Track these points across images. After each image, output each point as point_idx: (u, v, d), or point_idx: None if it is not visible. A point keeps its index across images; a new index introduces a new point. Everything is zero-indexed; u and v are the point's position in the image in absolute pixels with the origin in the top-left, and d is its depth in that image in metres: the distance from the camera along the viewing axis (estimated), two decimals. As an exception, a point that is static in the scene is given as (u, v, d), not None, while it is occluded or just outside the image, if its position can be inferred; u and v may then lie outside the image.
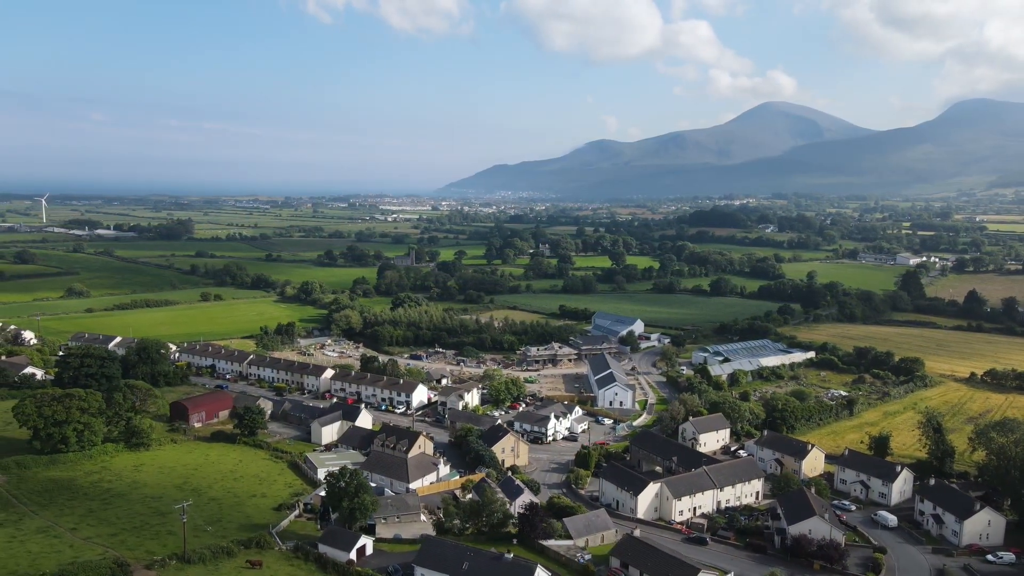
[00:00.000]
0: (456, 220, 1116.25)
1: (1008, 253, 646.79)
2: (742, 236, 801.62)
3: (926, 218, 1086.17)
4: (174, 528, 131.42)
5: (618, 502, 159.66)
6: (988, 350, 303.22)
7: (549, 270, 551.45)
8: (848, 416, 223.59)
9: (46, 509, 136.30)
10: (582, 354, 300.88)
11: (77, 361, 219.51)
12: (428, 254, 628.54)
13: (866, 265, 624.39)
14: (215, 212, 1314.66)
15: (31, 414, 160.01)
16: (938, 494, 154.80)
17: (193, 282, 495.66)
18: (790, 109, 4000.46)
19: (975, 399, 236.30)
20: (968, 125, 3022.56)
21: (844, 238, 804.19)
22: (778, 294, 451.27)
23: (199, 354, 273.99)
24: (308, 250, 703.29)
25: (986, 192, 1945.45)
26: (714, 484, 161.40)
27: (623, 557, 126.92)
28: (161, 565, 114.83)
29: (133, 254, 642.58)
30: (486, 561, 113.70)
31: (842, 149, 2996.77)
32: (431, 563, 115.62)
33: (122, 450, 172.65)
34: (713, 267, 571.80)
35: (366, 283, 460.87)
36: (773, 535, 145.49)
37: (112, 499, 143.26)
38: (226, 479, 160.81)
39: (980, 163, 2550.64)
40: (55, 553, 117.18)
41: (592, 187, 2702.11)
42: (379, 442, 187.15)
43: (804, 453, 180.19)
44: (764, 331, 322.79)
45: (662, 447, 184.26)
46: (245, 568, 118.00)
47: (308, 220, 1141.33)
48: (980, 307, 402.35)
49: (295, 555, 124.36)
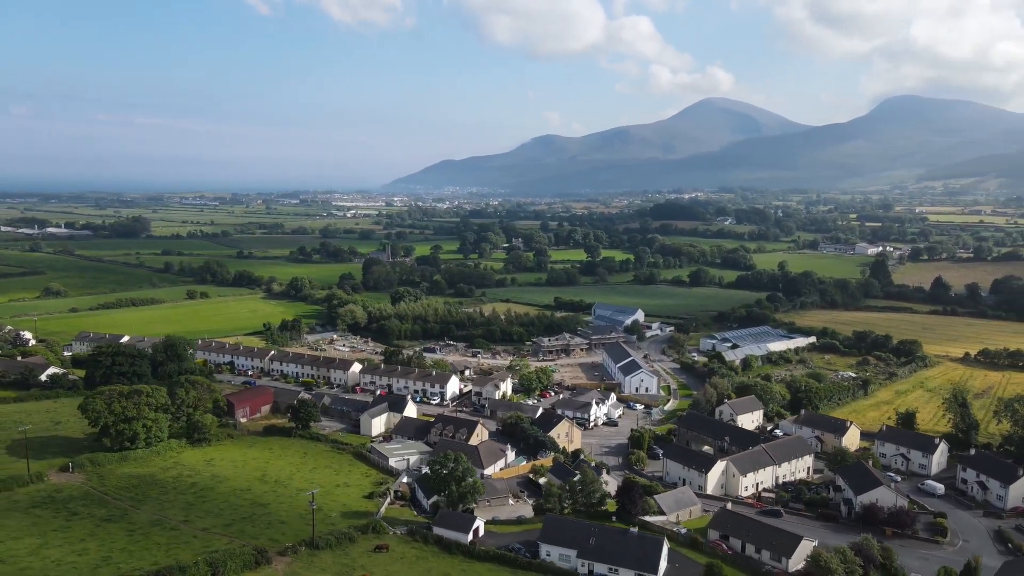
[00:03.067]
0: (416, 216, 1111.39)
1: (956, 242, 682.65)
2: (704, 228, 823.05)
3: (870, 210, 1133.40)
4: (282, 517, 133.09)
5: (684, 480, 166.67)
6: (970, 332, 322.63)
7: (528, 264, 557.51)
8: (863, 396, 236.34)
9: (143, 504, 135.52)
10: (592, 344, 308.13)
11: (108, 360, 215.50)
12: (403, 249, 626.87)
13: (827, 255, 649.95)
14: (163, 209, 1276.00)
15: (101, 411, 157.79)
16: (980, 463, 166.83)
17: (171, 280, 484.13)
18: (729, 105, 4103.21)
19: (975, 377, 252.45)
20: (896, 121, 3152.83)
21: (800, 230, 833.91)
22: (755, 284, 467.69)
23: (216, 351, 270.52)
24: (276, 247, 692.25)
25: (917, 185, 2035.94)
26: (773, 460, 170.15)
27: (722, 529, 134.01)
28: (293, 552, 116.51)
29: (95, 253, 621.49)
30: (612, 536, 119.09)
31: (779, 144, 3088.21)
32: (557, 540, 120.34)
33: (185, 446, 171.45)
34: (686, 259, 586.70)
35: (352, 279, 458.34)
36: (839, 505, 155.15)
37: (203, 492, 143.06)
38: (301, 471, 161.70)
39: (909, 157, 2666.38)
40: (183, 544, 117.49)
41: (539, 182, 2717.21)
42: (436, 432, 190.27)
43: (844, 430, 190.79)
44: (762, 318, 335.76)
45: (712, 428, 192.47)
46: (373, 553, 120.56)
47: (264, 217, 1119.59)
48: (946, 292, 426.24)
49: (412, 539, 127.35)
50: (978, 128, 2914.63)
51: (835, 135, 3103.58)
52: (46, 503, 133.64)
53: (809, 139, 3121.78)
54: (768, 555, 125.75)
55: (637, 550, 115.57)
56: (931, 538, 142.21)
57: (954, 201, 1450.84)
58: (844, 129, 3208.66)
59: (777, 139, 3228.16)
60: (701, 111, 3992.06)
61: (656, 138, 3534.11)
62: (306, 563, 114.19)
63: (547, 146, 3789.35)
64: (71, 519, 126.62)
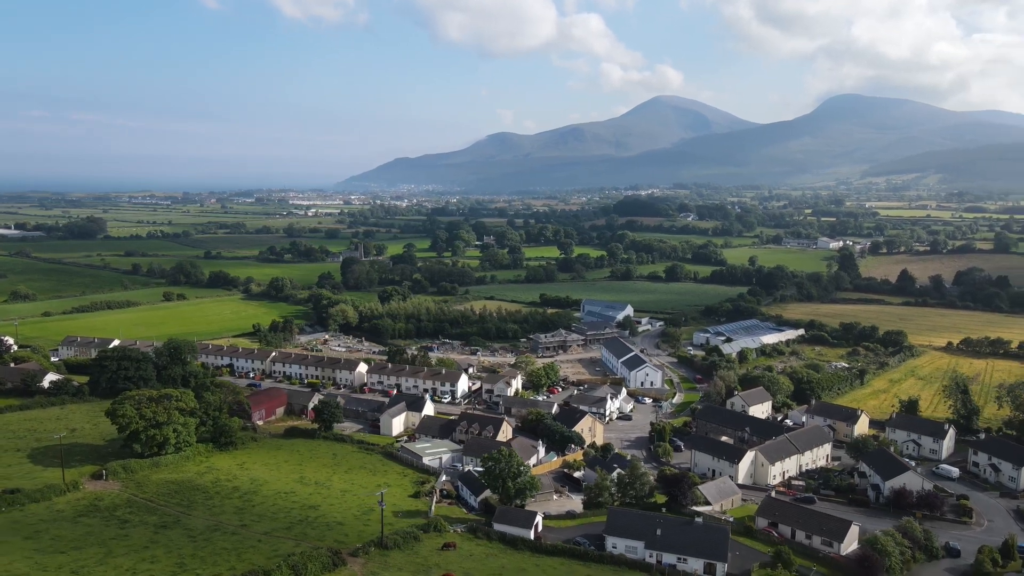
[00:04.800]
0: (378, 214, 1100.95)
1: (912, 236, 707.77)
2: (669, 225, 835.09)
3: (822, 205, 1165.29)
4: (337, 518, 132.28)
5: (714, 471, 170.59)
6: (946, 323, 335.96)
7: (504, 261, 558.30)
8: (860, 385, 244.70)
9: (193, 509, 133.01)
10: (588, 340, 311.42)
11: (114, 364, 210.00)
12: (375, 248, 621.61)
13: (792, 250, 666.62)
14: (114, 209, 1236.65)
15: (132, 416, 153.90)
16: (992, 446, 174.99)
17: (143, 282, 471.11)
18: (680, 103, 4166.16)
19: (961, 365, 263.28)
20: (840, 119, 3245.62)
21: (760, 225, 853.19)
22: (729, 279, 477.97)
23: (213, 353, 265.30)
24: (243, 247, 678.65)
25: (861, 181, 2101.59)
26: (797, 449, 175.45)
27: (770, 517, 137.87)
28: (364, 552, 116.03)
29: (54, 255, 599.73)
30: (678, 527, 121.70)
31: (729, 141, 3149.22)
32: (623, 532, 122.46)
33: (212, 450, 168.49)
34: (658, 254, 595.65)
35: (332, 278, 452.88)
36: (866, 490, 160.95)
37: (248, 496, 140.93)
38: (337, 472, 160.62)
39: (852, 154, 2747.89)
40: (251, 548, 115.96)
41: (495, 179, 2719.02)
42: (461, 430, 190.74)
43: (855, 418, 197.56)
44: (750, 312, 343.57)
45: (731, 419, 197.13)
46: (440, 551, 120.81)
47: (222, 216, 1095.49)
48: (912, 285, 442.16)
49: (474, 536, 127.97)
50: (917, 125, 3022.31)
51: (782, 132, 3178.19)
52: (91, 512, 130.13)
53: (757, 136, 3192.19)
54: (819, 540, 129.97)
55: (704, 540, 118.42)
56: (958, 519, 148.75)
57: (899, 196, 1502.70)
58: (790, 127, 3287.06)
59: (727, 136, 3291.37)
60: (652, 108, 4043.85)
61: (609, 135, 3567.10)
62: (380, 563, 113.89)
63: (502, 144, 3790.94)
64: (124, 527, 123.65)
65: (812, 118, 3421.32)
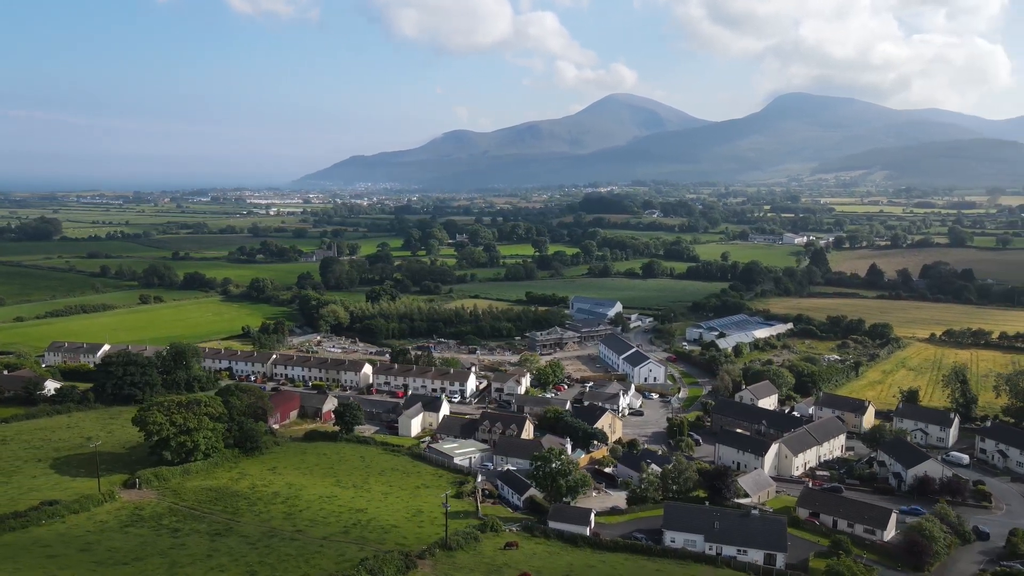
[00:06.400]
0: (342, 213, 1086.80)
1: (871, 231, 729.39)
2: (636, 222, 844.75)
3: (780, 202, 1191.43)
4: (390, 521, 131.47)
5: (738, 464, 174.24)
6: (923, 315, 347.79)
7: (481, 260, 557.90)
8: (856, 377, 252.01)
9: (240, 517, 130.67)
10: (583, 337, 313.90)
11: (120, 370, 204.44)
12: (348, 248, 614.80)
13: (759, 245, 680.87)
14: (64, 209, 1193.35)
15: (162, 423, 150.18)
16: (998, 433, 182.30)
17: (114, 284, 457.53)
18: (633, 101, 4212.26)
19: (947, 355, 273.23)
20: (788, 117, 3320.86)
21: (724, 221, 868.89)
22: (705, 274, 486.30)
23: (211, 357, 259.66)
24: (210, 248, 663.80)
25: (811, 178, 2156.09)
26: (816, 440, 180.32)
27: (811, 507, 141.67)
28: (430, 554, 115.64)
29: (10, 258, 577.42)
30: (735, 519, 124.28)
31: (682, 139, 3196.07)
32: (681, 526, 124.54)
33: (240, 456, 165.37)
34: (631, 251, 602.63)
35: (311, 278, 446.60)
36: (887, 478, 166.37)
37: (291, 501, 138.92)
38: (371, 474, 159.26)
39: (801, 152, 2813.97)
40: (316, 553, 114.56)
41: (453, 177, 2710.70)
42: (484, 429, 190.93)
43: (863, 409, 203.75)
44: (737, 307, 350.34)
45: (746, 413, 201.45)
46: (503, 550, 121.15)
47: (178, 216, 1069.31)
48: (880, 279, 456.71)
49: (531, 535, 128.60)
50: (862, 124, 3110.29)
51: (734, 130, 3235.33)
52: (136, 522, 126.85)
53: (710, 134, 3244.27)
54: (862, 529, 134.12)
55: (762, 531, 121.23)
56: (979, 504, 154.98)
57: (849, 192, 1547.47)
58: (741, 125, 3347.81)
59: (680, 134, 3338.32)
60: (607, 107, 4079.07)
61: (565, 133, 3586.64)
62: (449, 564, 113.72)
63: (458, 141, 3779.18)
64: (177, 536, 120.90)
65: (762, 116, 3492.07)
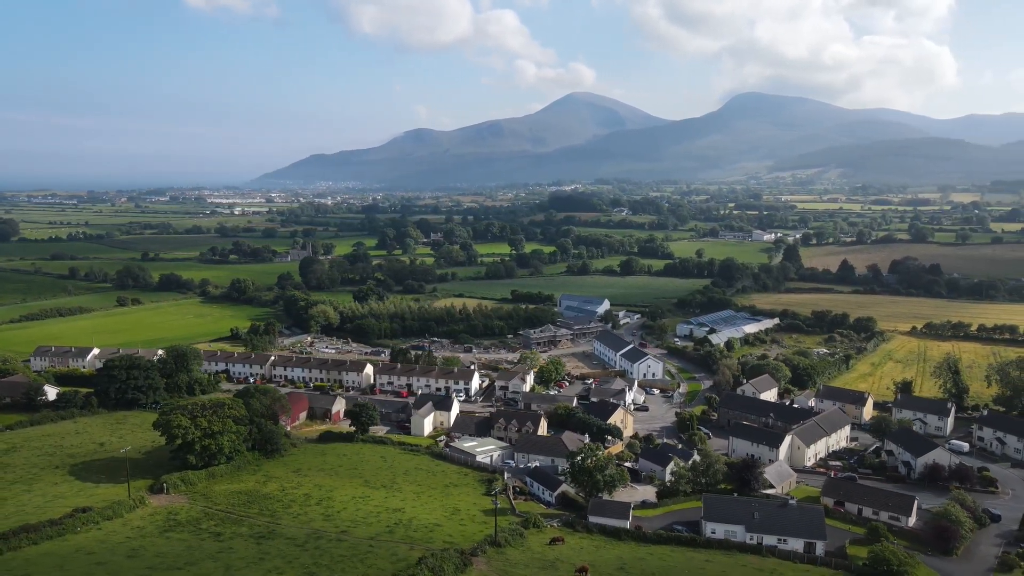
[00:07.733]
0: (309, 212, 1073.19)
1: (836, 228, 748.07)
2: (606, 220, 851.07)
3: (743, 199, 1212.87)
4: (431, 519, 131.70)
5: (752, 456, 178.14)
6: (901, 309, 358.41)
7: (459, 258, 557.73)
8: (847, 369, 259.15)
9: (279, 519, 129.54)
10: (575, 334, 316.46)
11: (123, 374, 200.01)
12: (323, 247, 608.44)
13: (729, 242, 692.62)
14: (15, 209, 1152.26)
15: (187, 426, 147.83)
16: (997, 421, 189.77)
17: (86, 287, 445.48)
18: (593, 99, 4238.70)
19: (930, 348, 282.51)
20: (745, 116, 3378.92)
21: (692, 219, 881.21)
22: (683, 271, 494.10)
23: (208, 359, 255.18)
24: (178, 248, 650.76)
25: (769, 176, 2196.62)
26: (825, 432, 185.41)
27: (835, 496, 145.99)
28: (482, 551, 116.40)
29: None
30: (774, 509, 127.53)
31: (642, 137, 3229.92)
32: (721, 517, 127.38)
33: (261, 458, 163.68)
34: (606, 249, 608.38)
35: (291, 278, 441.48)
36: (897, 467, 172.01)
37: (325, 503, 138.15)
38: (396, 474, 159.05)
39: (758, 150, 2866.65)
40: (369, 553, 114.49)
41: (415, 176, 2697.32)
42: (500, 427, 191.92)
43: (863, 401, 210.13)
44: (722, 303, 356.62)
45: (753, 406, 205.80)
46: (549, 545, 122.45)
47: (140, 216, 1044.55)
48: (852, 274, 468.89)
49: (573, 529, 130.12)
50: (815, 123, 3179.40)
51: (692, 129, 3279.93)
52: (175, 526, 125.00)
53: (669, 133, 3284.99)
54: (887, 516, 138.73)
55: (800, 520, 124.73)
56: (985, 489, 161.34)
57: (807, 190, 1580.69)
58: (700, 124, 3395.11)
59: (640, 132, 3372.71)
60: (567, 105, 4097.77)
61: (526, 131, 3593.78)
62: (502, 561, 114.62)
63: (419, 140, 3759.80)
64: (221, 540, 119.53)
65: (719, 116, 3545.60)
